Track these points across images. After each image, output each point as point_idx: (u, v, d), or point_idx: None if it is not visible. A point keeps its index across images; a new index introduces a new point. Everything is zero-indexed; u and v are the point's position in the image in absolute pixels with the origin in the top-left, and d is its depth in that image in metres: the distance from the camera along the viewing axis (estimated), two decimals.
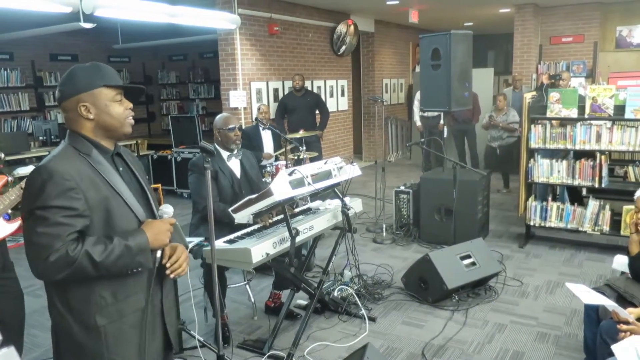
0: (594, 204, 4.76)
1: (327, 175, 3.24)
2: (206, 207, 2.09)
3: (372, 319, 3.68)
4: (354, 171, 3.39)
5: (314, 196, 4.08)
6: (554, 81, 7.15)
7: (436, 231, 5.20)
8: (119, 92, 1.72)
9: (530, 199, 5.10)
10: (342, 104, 9.62)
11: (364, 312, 3.69)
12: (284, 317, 3.45)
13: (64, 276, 1.53)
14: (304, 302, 3.85)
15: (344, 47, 9.31)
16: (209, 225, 1.90)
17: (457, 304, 3.86)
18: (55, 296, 1.65)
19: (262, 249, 2.81)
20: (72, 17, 5.19)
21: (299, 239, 3.03)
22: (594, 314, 2.75)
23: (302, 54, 8.46)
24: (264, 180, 4.56)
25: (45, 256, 1.50)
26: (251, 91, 7.35)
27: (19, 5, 4.58)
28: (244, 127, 6.16)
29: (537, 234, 5.45)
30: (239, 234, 3.14)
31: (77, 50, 9.58)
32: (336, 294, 3.92)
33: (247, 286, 3.93)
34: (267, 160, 5.69)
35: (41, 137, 7.87)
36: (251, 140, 5.71)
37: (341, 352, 3.26)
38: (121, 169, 1.75)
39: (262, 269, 4.26)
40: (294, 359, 3.18)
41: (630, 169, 5.34)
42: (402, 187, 5.70)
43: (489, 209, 5.68)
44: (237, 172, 3.65)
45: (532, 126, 4.88)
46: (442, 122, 7.83)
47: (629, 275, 2.87)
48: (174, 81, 11.30)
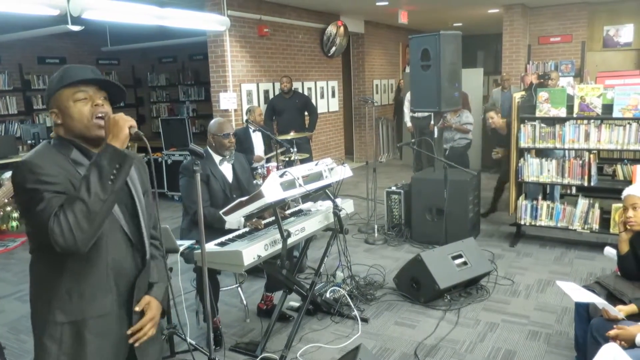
0: (583, 203, 4.80)
1: (318, 176, 3.24)
2: (197, 211, 2.08)
3: (364, 320, 3.68)
4: (345, 172, 3.40)
5: (306, 198, 4.08)
6: (542, 80, 7.20)
7: (428, 231, 5.22)
8: (81, 90, 1.62)
9: (520, 198, 5.13)
10: (333, 105, 9.63)
11: (356, 313, 3.69)
12: (277, 319, 3.44)
13: (74, 234, 1.47)
14: (296, 304, 3.84)
15: (334, 48, 9.32)
16: (199, 228, 1.88)
17: (449, 304, 3.87)
18: (32, 289, 1.64)
19: (253, 251, 2.80)
20: (59, 19, 5.16)
21: (290, 241, 3.02)
22: (584, 312, 2.77)
23: (292, 55, 8.45)
24: (255, 182, 4.55)
25: (48, 228, 1.47)
26: (241, 93, 7.34)
27: (5, 8, 4.54)
28: (234, 130, 6.16)
29: (528, 232, 5.49)
30: (231, 236, 3.13)
31: (65, 53, 9.51)
32: (328, 295, 3.91)
33: (239, 289, 3.92)
34: (258, 162, 5.68)
35: (29, 141, 7.80)
36: (241, 142, 5.69)
37: (334, 354, 3.26)
38: None
39: (254, 271, 4.25)
40: None
41: (618, 168, 5.40)
42: (394, 188, 5.72)
43: (480, 209, 5.71)
44: (229, 176, 3.64)
45: (522, 126, 4.91)
46: (432, 122, 7.86)
47: (619, 272, 2.90)
48: (163, 83, 11.25)
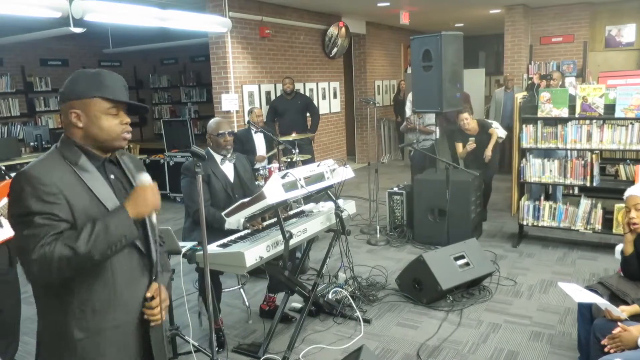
0: (585, 203, 4.79)
1: (320, 177, 3.24)
2: (197, 211, 2.08)
3: (366, 321, 3.67)
4: (346, 173, 3.40)
5: (308, 199, 4.08)
6: (545, 80, 7.19)
7: (430, 232, 5.21)
8: (116, 106, 1.64)
9: (522, 199, 5.12)
10: (335, 106, 9.63)
11: (358, 314, 3.69)
12: (279, 321, 3.44)
13: (49, 275, 1.48)
14: (299, 305, 3.84)
15: (335, 49, 9.32)
16: (201, 229, 1.89)
17: (452, 305, 3.86)
18: (38, 305, 1.63)
19: (255, 253, 2.80)
20: (61, 21, 5.17)
21: (292, 242, 3.02)
22: (587, 313, 2.76)
23: (294, 56, 8.46)
24: (257, 183, 4.55)
25: (28, 258, 1.47)
26: (243, 94, 7.34)
27: (8, 10, 4.55)
28: (236, 131, 6.16)
29: (530, 233, 5.48)
30: (233, 237, 3.13)
31: (68, 55, 9.53)
32: (331, 296, 3.91)
33: (242, 290, 3.92)
34: (260, 162, 5.69)
35: (32, 143, 7.81)
36: (243, 143, 5.70)
37: (336, 355, 3.25)
38: (112, 177, 1.69)
39: (257, 273, 4.25)
40: None
41: (621, 168, 5.39)
42: (396, 189, 5.71)
43: (486, 208, 5.70)
44: (231, 176, 3.64)
45: (524, 126, 4.90)
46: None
47: (621, 273, 2.89)
48: (165, 85, 11.26)
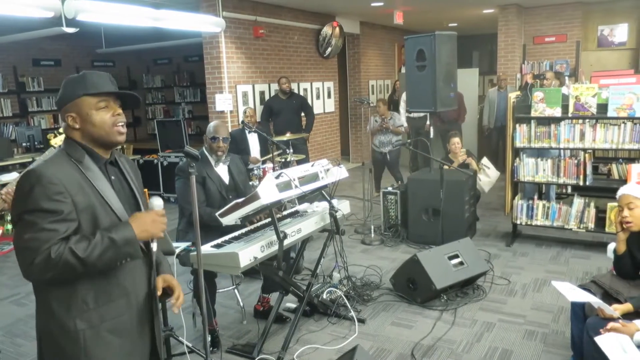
0: (579, 202, 4.81)
1: (314, 177, 3.24)
2: (192, 212, 2.08)
3: (361, 321, 3.68)
4: (340, 173, 3.40)
5: (302, 199, 4.08)
6: (539, 80, 7.23)
7: (424, 231, 5.22)
8: (104, 99, 1.71)
9: (516, 198, 5.14)
10: (329, 105, 9.63)
11: (353, 314, 3.69)
12: (273, 321, 3.44)
13: (51, 276, 1.54)
14: (293, 305, 3.84)
15: (329, 49, 9.32)
16: (194, 230, 1.88)
17: (446, 304, 3.87)
18: (39, 298, 1.67)
19: (250, 253, 2.80)
20: (54, 21, 5.14)
21: (287, 242, 3.02)
22: (580, 311, 2.78)
23: (288, 56, 8.45)
24: (251, 183, 4.55)
25: (30, 260, 1.52)
26: (237, 94, 7.33)
27: None
28: (230, 131, 6.15)
29: (524, 232, 5.50)
30: (227, 238, 3.12)
31: (60, 55, 9.48)
32: (325, 296, 3.91)
33: (236, 290, 3.91)
34: (254, 164, 5.68)
35: (24, 144, 7.76)
36: (237, 143, 5.68)
37: (331, 355, 3.25)
38: (113, 178, 1.76)
39: (251, 273, 4.25)
40: None
41: (613, 167, 5.43)
42: (390, 188, 5.72)
43: (476, 209, 5.72)
44: (225, 178, 3.64)
45: (517, 125, 4.92)
46: (428, 122, 7.87)
47: (614, 272, 2.91)
48: (159, 85, 11.22)
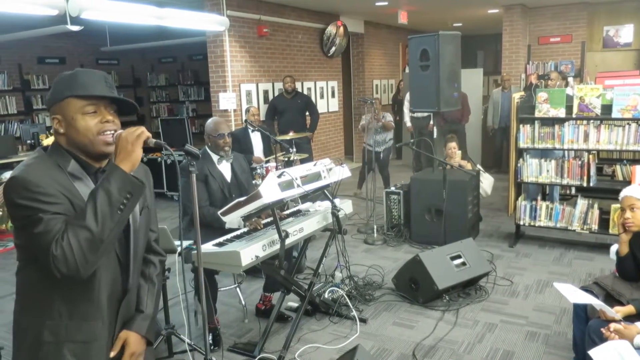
0: (582, 203, 4.79)
1: (317, 177, 3.24)
2: (198, 210, 2.08)
3: (363, 321, 3.67)
4: (343, 173, 3.39)
5: (305, 198, 4.07)
6: (544, 80, 7.20)
7: (427, 232, 5.21)
8: (92, 103, 1.51)
9: (520, 199, 5.12)
10: (333, 105, 9.63)
11: (354, 313, 3.69)
12: (275, 320, 3.44)
13: (77, 263, 1.39)
14: (295, 305, 3.84)
15: (333, 49, 9.32)
16: (194, 228, 1.89)
17: (448, 304, 3.87)
18: (20, 301, 1.56)
19: (251, 252, 2.80)
20: (59, 19, 5.16)
21: (288, 241, 3.02)
22: (582, 313, 2.77)
23: (292, 55, 8.45)
24: (254, 182, 4.55)
25: (49, 254, 1.39)
26: (241, 93, 7.33)
27: (4, 8, 4.54)
28: (233, 130, 6.16)
29: (527, 233, 5.48)
30: (229, 236, 3.13)
31: (65, 52, 9.52)
32: (327, 295, 3.91)
33: (238, 289, 3.92)
34: (257, 164, 5.68)
35: (29, 141, 7.79)
36: (240, 142, 5.69)
37: (332, 354, 3.25)
38: None
39: (253, 272, 4.25)
40: None
41: (617, 168, 5.40)
42: (393, 188, 5.71)
43: (479, 209, 5.71)
44: (228, 176, 3.64)
45: (521, 126, 4.90)
46: (431, 122, 7.86)
47: (617, 274, 2.89)
48: (163, 83, 11.26)
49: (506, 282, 4.29)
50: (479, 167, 6.05)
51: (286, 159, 5.55)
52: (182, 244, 2.27)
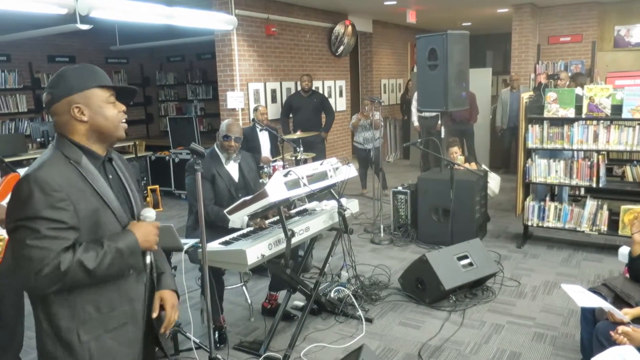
0: (591, 204, 4.75)
1: (323, 176, 3.23)
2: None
3: (368, 320, 3.67)
4: (350, 172, 3.39)
5: (311, 197, 4.07)
6: (553, 80, 7.14)
7: (434, 232, 5.19)
8: (112, 94, 1.67)
9: (528, 199, 5.09)
10: (341, 104, 9.62)
11: (360, 313, 3.68)
12: (281, 319, 3.44)
13: (58, 288, 1.48)
14: (301, 304, 3.84)
15: (341, 48, 9.30)
16: (199, 225, 1.89)
17: (454, 305, 3.85)
18: (39, 312, 1.58)
19: (257, 251, 2.80)
20: (68, 18, 5.19)
21: (294, 240, 3.02)
22: (590, 315, 2.74)
23: (300, 54, 8.45)
24: (261, 181, 4.55)
25: (37, 270, 1.43)
26: (249, 92, 7.34)
27: (15, 6, 4.57)
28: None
29: (535, 234, 5.44)
30: (235, 235, 3.13)
31: (75, 51, 9.57)
32: (333, 295, 3.91)
33: (244, 287, 3.92)
34: (266, 164, 5.69)
35: (39, 139, 7.85)
36: (248, 141, 5.70)
37: (337, 354, 3.25)
38: (111, 177, 1.70)
39: (259, 270, 4.26)
40: None
41: (628, 169, 5.34)
42: (400, 188, 5.70)
43: (487, 209, 5.68)
44: (235, 176, 3.65)
45: (530, 126, 4.87)
46: (439, 122, 7.83)
47: (627, 275, 2.87)
48: (171, 82, 11.29)
49: (513, 283, 4.27)
50: (484, 167, 6.03)
51: (294, 158, 5.55)
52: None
